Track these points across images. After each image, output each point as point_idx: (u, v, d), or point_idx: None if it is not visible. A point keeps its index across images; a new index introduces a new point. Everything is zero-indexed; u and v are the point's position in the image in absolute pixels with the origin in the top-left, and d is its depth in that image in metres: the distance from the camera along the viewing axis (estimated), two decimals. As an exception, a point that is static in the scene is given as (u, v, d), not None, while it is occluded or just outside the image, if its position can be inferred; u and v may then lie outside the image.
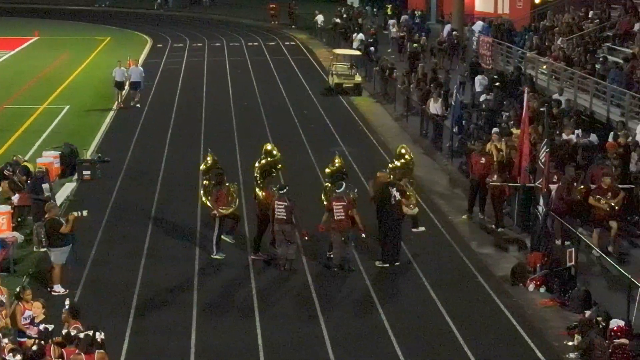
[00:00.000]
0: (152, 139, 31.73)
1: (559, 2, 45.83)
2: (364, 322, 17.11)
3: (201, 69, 47.60)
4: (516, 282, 18.79)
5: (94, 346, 12.96)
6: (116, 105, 37.11)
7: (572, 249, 18.31)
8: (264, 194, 20.01)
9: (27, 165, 24.15)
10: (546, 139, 20.04)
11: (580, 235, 19.18)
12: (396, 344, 16.10)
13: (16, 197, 22.18)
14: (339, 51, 44.35)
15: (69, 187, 25.71)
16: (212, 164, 20.92)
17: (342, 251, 19.50)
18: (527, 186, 21.12)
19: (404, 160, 21.45)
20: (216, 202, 20.08)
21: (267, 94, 40.25)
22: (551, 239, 19.74)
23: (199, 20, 72.68)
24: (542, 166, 19.79)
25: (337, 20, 58.19)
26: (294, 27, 65.78)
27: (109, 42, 58.54)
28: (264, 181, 20.33)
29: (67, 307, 14.10)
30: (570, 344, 15.92)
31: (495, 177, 22.16)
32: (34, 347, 13.46)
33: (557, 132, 25.55)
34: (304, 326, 16.94)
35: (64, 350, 13.22)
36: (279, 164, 20.97)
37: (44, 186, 21.79)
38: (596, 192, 20.38)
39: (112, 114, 35.93)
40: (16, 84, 43.21)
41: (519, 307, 17.72)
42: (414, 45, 44.69)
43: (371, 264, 19.86)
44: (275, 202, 19.41)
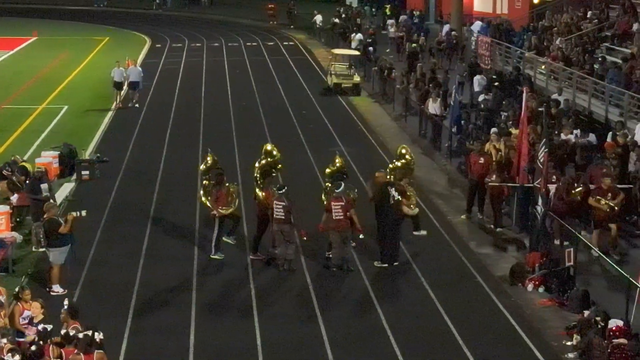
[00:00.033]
0: (150, 139, 31.72)
1: (557, 2, 45.80)
2: (363, 322, 17.10)
3: (200, 69, 47.58)
4: (515, 282, 18.79)
5: (93, 346, 12.96)
6: (115, 105, 37.07)
7: (571, 249, 18.31)
8: (264, 194, 20.00)
9: (25, 165, 24.15)
10: (545, 139, 20.03)
11: (578, 235, 19.16)
12: (395, 344, 16.10)
13: (15, 197, 22.18)
14: (337, 51, 44.36)
15: (67, 187, 25.70)
16: (212, 164, 20.88)
17: (341, 251, 19.49)
18: (525, 186, 21.11)
19: (404, 160, 21.41)
20: (216, 202, 20.06)
21: (265, 94, 40.23)
22: (550, 239, 19.76)
23: (198, 20, 72.62)
24: (540, 166, 19.78)
25: (335, 20, 58.17)
26: (292, 27, 65.76)
27: (107, 42, 58.49)
28: (264, 181, 20.31)
29: (66, 307, 14.10)
30: (569, 343, 15.93)
31: (494, 177, 22.17)
32: (33, 347, 13.46)
33: (555, 132, 25.56)
34: (303, 326, 16.94)
35: (62, 350, 13.22)
36: (279, 164, 20.97)
37: (42, 186, 21.80)
38: (596, 193, 20.38)
39: (110, 114, 35.90)
40: (15, 84, 43.16)
41: (517, 307, 17.72)
42: (413, 45, 44.69)
43: (370, 264, 19.85)
44: (273, 202, 19.43)
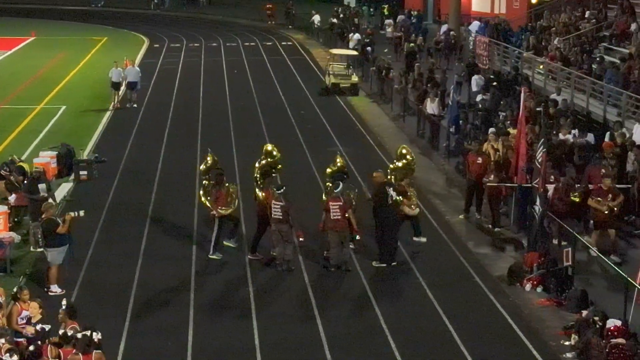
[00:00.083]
0: (149, 139, 31.70)
1: (555, 2, 45.79)
2: (361, 322, 17.10)
3: (198, 69, 47.57)
4: (513, 281, 18.79)
5: (92, 346, 12.95)
6: (113, 105, 37.04)
7: (569, 249, 18.32)
8: (264, 194, 20.00)
9: (22, 165, 24.15)
10: (543, 139, 20.03)
11: (577, 235, 19.17)
12: (393, 344, 16.09)
13: (13, 197, 22.17)
14: (335, 51, 44.34)
15: (65, 187, 25.69)
16: (211, 164, 20.85)
17: (339, 251, 19.49)
18: (523, 186, 21.12)
19: (405, 160, 21.31)
20: (215, 202, 20.06)
21: (264, 94, 40.21)
22: (548, 239, 19.76)
23: (196, 20, 72.59)
24: (538, 166, 19.79)
25: (333, 20, 58.15)
26: (290, 27, 65.75)
27: (105, 42, 58.45)
28: (264, 181, 20.31)
29: (64, 307, 14.09)
30: (567, 343, 15.93)
31: (492, 177, 22.17)
32: (31, 348, 13.45)
33: (553, 132, 25.57)
34: (301, 326, 16.94)
35: (61, 350, 13.21)
36: (279, 165, 20.96)
37: (40, 186, 21.79)
38: (596, 194, 20.36)
39: (108, 114, 35.87)
40: (13, 84, 43.14)
41: (515, 307, 17.72)
42: (411, 45, 44.70)
43: (368, 264, 19.85)
44: (272, 202, 19.43)
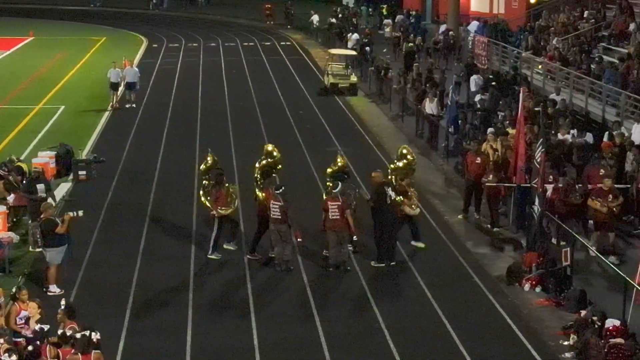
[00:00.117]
0: (147, 139, 31.69)
1: (554, 2, 45.83)
2: (360, 322, 17.10)
3: (197, 69, 47.56)
4: (512, 281, 18.79)
5: (91, 346, 12.95)
6: (111, 106, 37.03)
7: (567, 249, 18.32)
8: (264, 195, 19.99)
9: (20, 165, 24.14)
10: (541, 139, 20.03)
11: (575, 235, 19.17)
12: (392, 344, 16.09)
13: (12, 197, 22.15)
14: (334, 51, 44.35)
15: (64, 187, 25.69)
16: (212, 164, 20.82)
17: (337, 251, 19.48)
18: (522, 186, 21.12)
19: (406, 160, 21.25)
20: (215, 202, 20.06)
21: (262, 94, 40.20)
22: (547, 239, 19.77)
23: (195, 20, 72.58)
24: (537, 166, 19.79)
25: (332, 20, 58.18)
26: (289, 27, 65.74)
27: (104, 42, 58.46)
28: (264, 182, 20.30)
29: (63, 307, 14.08)
30: (565, 343, 15.93)
31: (490, 177, 22.17)
32: (30, 348, 13.44)
33: (552, 132, 25.57)
34: (300, 326, 16.93)
35: (59, 350, 13.21)
36: (279, 165, 20.95)
37: (38, 186, 21.76)
38: (596, 194, 20.34)
39: (107, 114, 35.86)
40: (11, 84, 43.13)
41: (514, 307, 17.72)
42: (410, 45, 44.70)
43: (367, 264, 19.85)
44: (270, 201, 19.43)
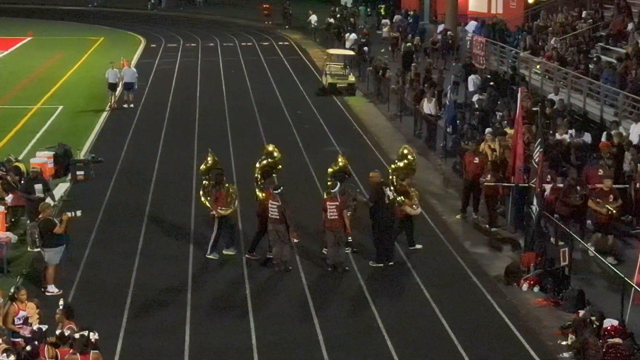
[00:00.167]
0: (145, 139, 31.69)
1: (552, 2, 45.85)
2: (358, 322, 17.10)
3: (195, 69, 47.54)
4: (510, 281, 18.80)
5: (89, 346, 12.94)
6: (109, 106, 37.01)
7: (566, 249, 18.32)
8: (264, 195, 19.98)
9: (18, 165, 24.13)
10: (539, 139, 20.04)
11: (574, 235, 19.18)
12: (390, 344, 16.09)
13: (10, 197, 22.14)
14: (332, 51, 44.35)
15: (62, 188, 25.68)
16: (212, 164, 20.78)
17: (335, 251, 19.49)
18: (520, 186, 21.13)
19: (406, 160, 21.21)
20: (215, 202, 20.05)
21: (260, 94, 40.19)
22: (545, 239, 19.77)
23: (193, 20, 72.56)
24: (535, 166, 19.80)
25: (330, 20, 58.19)
26: (287, 27, 65.72)
27: (102, 42, 58.44)
28: (264, 182, 20.30)
29: (61, 307, 14.08)
30: (564, 343, 15.93)
31: (488, 176, 22.18)
32: (28, 348, 13.43)
33: (550, 132, 25.58)
34: (298, 326, 16.94)
35: (58, 350, 13.20)
36: (279, 165, 20.95)
37: (36, 186, 21.75)
38: (596, 195, 20.32)
39: (105, 115, 35.85)
40: (10, 84, 43.12)
41: (512, 307, 17.73)
42: (408, 45, 44.72)
43: (365, 264, 19.85)
44: (269, 201, 19.42)
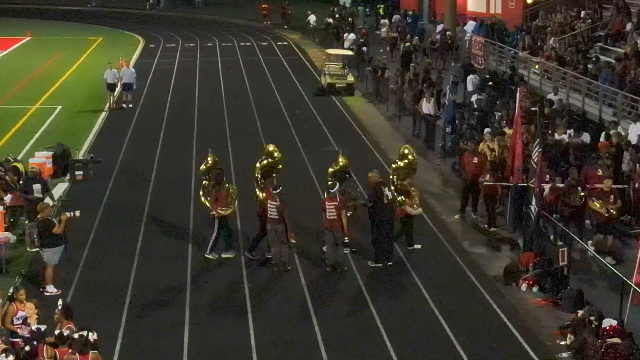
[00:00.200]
0: (144, 139, 31.68)
1: (551, 2, 45.84)
2: (357, 322, 17.10)
3: (194, 69, 47.53)
4: (509, 281, 18.80)
5: (88, 347, 12.94)
6: (108, 106, 37.01)
7: (565, 249, 18.32)
8: (264, 195, 19.97)
9: (17, 165, 24.11)
10: (538, 139, 20.05)
11: (572, 235, 19.18)
12: (389, 344, 16.10)
13: (8, 198, 22.13)
14: (331, 51, 44.35)
15: (61, 188, 25.67)
16: (212, 164, 20.77)
17: (334, 251, 19.49)
18: (519, 186, 21.13)
19: (407, 160, 21.19)
20: (215, 202, 20.05)
21: (259, 94, 40.19)
22: (544, 239, 19.78)
23: (192, 20, 72.55)
24: (534, 166, 19.80)
25: (329, 20, 58.19)
26: (286, 27, 65.72)
27: (101, 42, 58.42)
28: (265, 182, 20.30)
29: (60, 307, 14.08)
30: (562, 343, 15.94)
31: (487, 176, 22.18)
32: (27, 348, 13.43)
33: (549, 131, 25.58)
34: (297, 326, 16.94)
35: (57, 350, 13.19)
36: (280, 165, 20.95)
37: (34, 186, 21.73)
38: (597, 195, 20.31)
39: (104, 115, 35.84)
40: (8, 84, 43.08)
41: (511, 307, 17.73)
42: (406, 44, 44.72)
43: (364, 264, 19.85)
44: (268, 201, 19.42)
